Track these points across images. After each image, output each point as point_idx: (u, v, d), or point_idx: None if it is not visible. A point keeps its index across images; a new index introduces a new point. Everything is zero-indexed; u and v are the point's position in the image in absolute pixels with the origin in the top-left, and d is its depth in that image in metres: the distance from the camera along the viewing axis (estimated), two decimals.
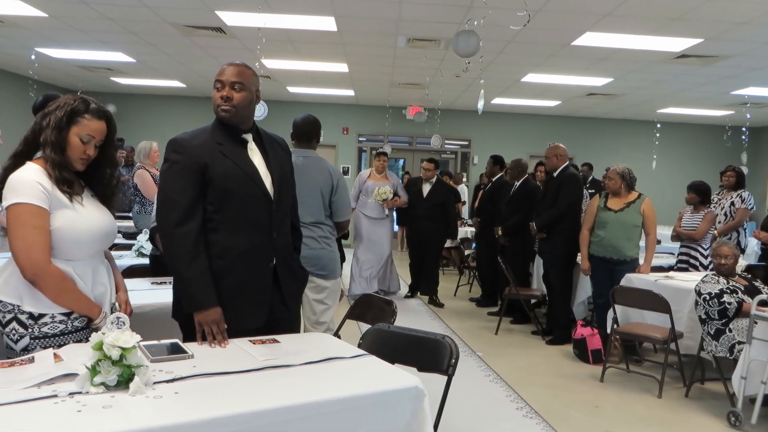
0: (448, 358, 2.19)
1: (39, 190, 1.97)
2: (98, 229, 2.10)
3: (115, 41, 7.77)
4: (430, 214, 7.06)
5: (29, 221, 1.95)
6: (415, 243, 7.31)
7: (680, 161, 12.80)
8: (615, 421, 3.80)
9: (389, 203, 7.02)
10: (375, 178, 7.12)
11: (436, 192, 7.15)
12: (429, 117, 11.70)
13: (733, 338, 3.89)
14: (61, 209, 2.01)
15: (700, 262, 5.50)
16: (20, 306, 1.99)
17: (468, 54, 5.05)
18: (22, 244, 1.94)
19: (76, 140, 2.04)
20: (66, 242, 2.02)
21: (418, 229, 7.19)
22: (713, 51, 6.78)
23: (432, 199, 7.09)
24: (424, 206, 7.07)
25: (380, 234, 7.06)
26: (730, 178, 6.39)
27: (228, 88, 2.24)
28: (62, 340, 2.02)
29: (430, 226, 7.09)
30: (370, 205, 7.01)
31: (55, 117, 2.02)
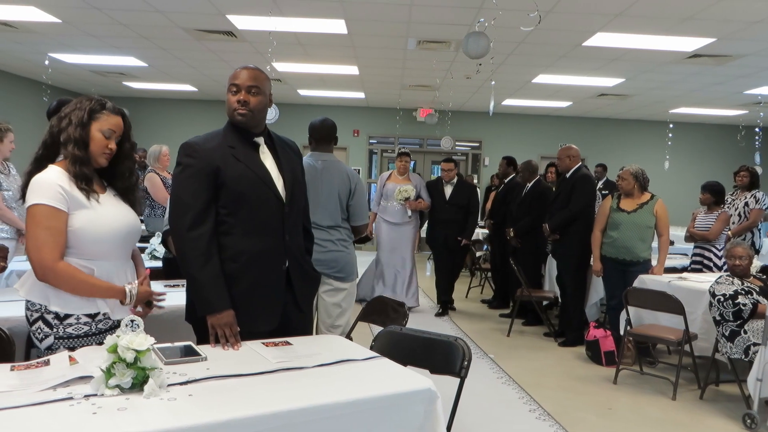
0: (461, 360, 2.18)
1: (57, 192, 2.00)
2: (120, 227, 2.13)
3: (127, 46, 7.84)
4: (454, 217, 6.56)
5: (43, 222, 1.98)
6: (441, 251, 6.68)
7: (693, 162, 12.70)
8: (629, 424, 3.77)
9: (412, 204, 6.46)
10: (396, 180, 6.64)
11: (459, 193, 6.65)
12: (440, 119, 11.69)
13: (748, 340, 3.85)
14: (80, 210, 2.04)
15: (714, 263, 5.46)
16: (47, 306, 2.03)
17: (478, 55, 5.04)
18: (33, 244, 1.98)
19: (99, 135, 2.09)
20: (87, 242, 2.05)
21: (442, 235, 6.57)
22: (726, 50, 6.73)
23: (455, 201, 6.59)
24: (448, 210, 6.57)
25: (402, 240, 6.55)
26: (744, 178, 6.33)
27: (244, 92, 2.25)
28: (85, 341, 2.06)
29: (457, 232, 6.55)
30: (392, 210, 6.52)
31: (76, 115, 2.07)
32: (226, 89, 2.30)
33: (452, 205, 6.57)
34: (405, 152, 6.74)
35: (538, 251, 6.35)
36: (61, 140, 2.07)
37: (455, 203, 6.58)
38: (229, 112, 2.28)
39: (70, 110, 2.09)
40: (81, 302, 2.06)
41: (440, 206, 6.61)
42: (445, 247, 6.60)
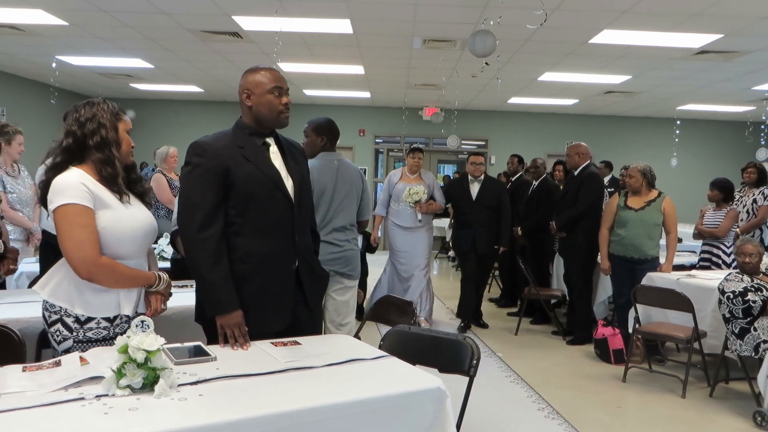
0: (470, 358, 2.18)
1: (83, 191, 2.03)
2: (140, 227, 2.17)
3: (133, 48, 7.86)
4: (483, 220, 5.80)
5: (77, 221, 2.01)
6: (468, 257, 5.91)
7: (701, 158, 12.63)
8: (638, 422, 3.76)
9: (423, 206, 5.69)
10: (407, 179, 5.84)
11: (487, 192, 5.86)
12: (445, 117, 11.68)
13: (758, 337, 3.83)
14: (104, 209, 2.07)
15: (723, 260, 5.43)
16: (67, 309, 2.06)
17: (484, 54, 5.03)
18: (72, 244, 2.01)
19: (126, 135, 2.17)
20: (111, 241, 2.08)
21: (469, 239, 5.82)
22: (734, 46, 6.69)
23: (484, 201, 5.83)
24: (476, 211, 5.82)
25: (416, 246, 5.76)
26: (752, 175, 6.28)
27: (286, 95, 2.30)
28: (103, 345, 2.08)
29: (486, 236, 5.79)
30: (403, 213, 5.76)
31: (104, 119, 2.11)
32: (263, 91, 2.28)
33: (480, 206, 5.82)
34: (418, 148, 5.97)
35: (545, 249, 6.33)
36: (92, 144, 2.09)
37: (483, 203, 5.84)
38: (274, 114, 2.29)
39: (90, 114, 2.10)
40: (103, 306, 2.09)
41: (467, 207, 5.89)
42: (473, 253, 5.86)
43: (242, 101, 2.31)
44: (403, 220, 5.77)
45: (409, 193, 5.66)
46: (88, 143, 2.09)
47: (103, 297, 2.08)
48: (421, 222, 5.73)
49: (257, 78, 2.29)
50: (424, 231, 5.81)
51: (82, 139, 2.09)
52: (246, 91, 2.29)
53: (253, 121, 2.31)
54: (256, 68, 2.34)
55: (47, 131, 10.38)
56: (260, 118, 2.30)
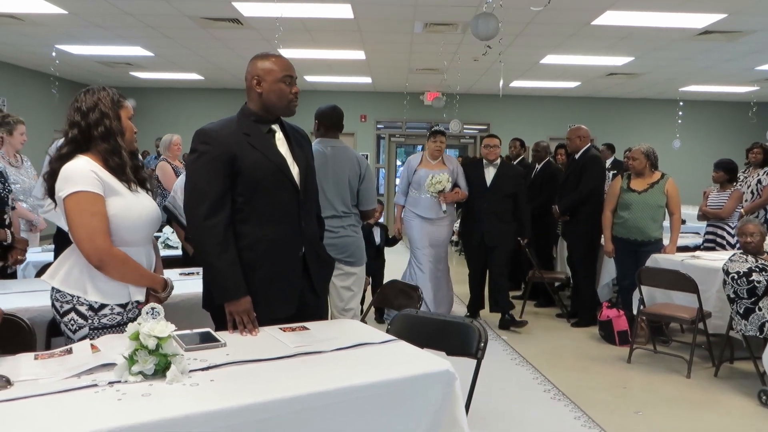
0: (477, 341, 2.20)
1: (93, 178, 2.04)
2: (148, 214, 2.18)
3: (133, 36, 7.84)
4: (497, 209, 5.28)
5: (88, 208, 2.02)
6: (475, 248, 5.50)
7: (704, 140, 12.60)
8: (644, 402, 3.79)
9: (448, 196, 5.15)
10: (428, 165, 5.27)
11: (503, 178, 5.33)
12: (447, 102, 11.64)
13: (762, 317, 3.84)
14: (113, 197, 2.08)
15: (727, 241, 5.43)
16: (80, 297, 2.07)
17: (487, 37, 5.01)
18: (84, 233, 2.01)
19: (128, 122, 2.17)
20: (121, 228, 2.09)
21: (479, 229, 5.33)
22: (737, 26, 6.64)
23: (499, 189, 5.29)
24: (490, 198, 5.28)
25: (440, 238, 5.31)
26: (758, 155, 6.27)
27: (295, 84, 2.31)
28: (118, 330, 2.10)
29: (498, 226, 5.30)
30: (424, 202, 5.20)
31: (107, 107, 2.10)
32: (275, 79, 2.26)
33: (494, 194, 5.28)
34: (440, 130, 5.33)
35: (549, 233, 6.34)
36: (97, 134, 2.08)
37: (498, 191, 5.29)
38: (284, 103, 2.29)
39: (92, 104, 2.09)
40: (115, 292, 2.10)
41: (478, 194, 5.31)
42: (480, 248, 5.40)
43: (251, 87, 2.29)
44: (424, 210, 5.23)
45: (432, 182, 5.08)
46: (93, 134, 2.08)
47: (115, 284, 2.09)
48: (445, 213, 5.20)
49: (268, 65, 2.28)
50: (447, 222, 5.32)
51: (86, 129, 2.09)
52: (256, 78, 2.27)
53: (260, 108, 2.30)
54: (266, 55, 2.32)
55: (48, 121, 10.39)
56: (269, 105, 2.29)
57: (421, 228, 5.27)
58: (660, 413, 3.60)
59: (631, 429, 3.39)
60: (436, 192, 5.11)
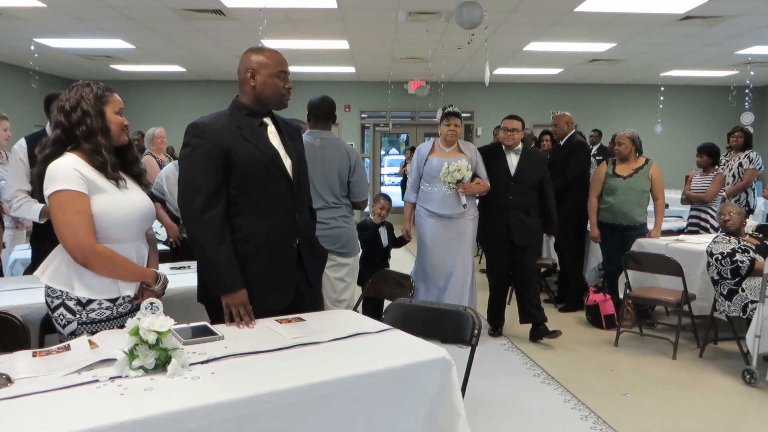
0: (471, 329, 2.24)
1: (76, 176, 2.03)
2: (137, 210, 2.17)
3: (114, 28, 7.73)
4: (525, 202, 4.55)
5: (71, 206, 2.02)
6: (499, 249, 4.64)
7: (685, 124, 12.73)
8: (632, 384, 3.86)
9: (469, 187, 4.38)
10: (441, 153, 4.52)
11: (528, 166, 4.59)
12: (432, 90, 11.64)
13: (746, 298, 3.93)
14: (99, 194, 2.07)
15: (711, 224, 5.53)
16: (68, 293, 2.07)
17: (472, 26, 5.03)
18: (67, 231, 2.01)
19: (115, 116, 2.15)
20: (106, 226, 2.08)
21: (504, 227, 4.54)
22: (717, 11, 6.71)
23: (525, 179, 4.56)
24: (516, 191, 4.54)
25: (459, 239, 4.47)
26: (738, 139, 6.37)
27: (288, 80, 2.34)
28: (108, 325, 2.11)
29: (527, 223, 4.57)
30: (439, 196, 4.45)
31: (89, 105, 2.09)
32: (269, 73, 2.29)
33: (521, 184, 4.56)
34: (453, 111, 4.56)
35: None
36: (79, 133, 2.08)
37: (525, 181, 4.57)
38: (278, 97, 2.33)
39: (75, 102, 2.09)
40: (103, 287, 2.11)
41: (502, 185, 4.55)
42: (505, 249, 4.60)
43: (245, 81, 2.30)
44: (440, 206, 4.45)
45: (449, 171, 4.33)
46: (76, 133, 2.08)
47: (103, 279, 2.10)
48: (465, 207, 4.42)
49: (263, 60, 2.29)
50: (469, 219, 4.51)
51: (69, 129, 2.09)
52: (250, 71, 2.28)
53: (253, 101, 2.31)
54: (260, 49, 2.33)
55: (29, 116, 10.22)
56: (263, 99, 2.30)
57: (435, 227, 4.47)
58: (648, 394, 3.68)
59: (619, 410, 3.46)
60: (455, 182, 4.34)
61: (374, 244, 4.50)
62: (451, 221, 4.46)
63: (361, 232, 4.36)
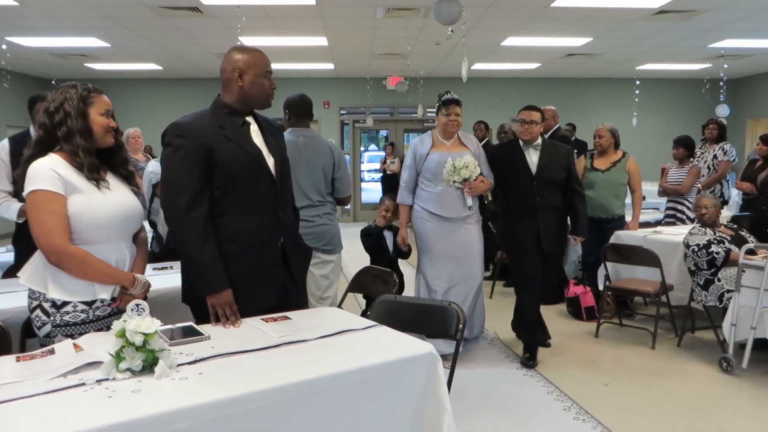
0: (456, 323, 2.27)
1: (52, 176, 2.02)
2: (117, 212, 2.14)
3: (88, 27, 7.63)
4: (552, 202, 4.02)
5: (45, 207, 2.01)
6: (530, 260, 4.04)
7: (660, 117, 12.92)
8: (613, 374, 3.93)
9: (475, 185, 3.92)
10: (442, 147, 4.05)
11: (551, 162, 4.01)
12: (411, 86, 11.66)
13: (722, 287, 4.01)
14: (76, 194, 2.06)
15: (687, 216, 5.62)
16: (45, 294, 2.06)
17: (450, 22, 5.05)
18: (40, 230, 2.00)
19: (99, 118, 2.13)
20: (82, 227, 2.06)
21: (532, 233, 3.98)
22: (691, 5, 6.82)
23: (550, 176, 4.00)
24: (541, 190, 3.98)
25: (466, 245, 4.03)
26: (713, 131, 6.49)
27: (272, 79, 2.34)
28: (83, 328, 2.08)
29: (557, 226, 4.05)
30: (442, 197, 3.97)
31: (71, 106, 2.07)
32: (257, 73, 2.30)
33: (545, 183, 3.99)
34: (453, 99, 4.11)
35: None
36: (60, 135, 2.07)
37: (549, 179, 4.00)
38: (264, 97, 2.34)
39: (58, 103, 2.08)
40: (79, 289, 2.08)
41: (524, 186, 4.00)
42: (536, 257, 4.03)
43: (231, 80, 2.29)
44: (442, 208, 3.98)
45: (454, 169, 3.84)
46: (57, 134, 2.07)
47: (78, 281, 2.08)
48: (471, 209, 3.99)
49: (250, 60, 2.29)
50: (475, 222, 4.08)
51: (51, 130, 2.08)
52: (238, 71, 2.28)
53: (238, 101, 2.30)
54: (245, 48, 2.34)
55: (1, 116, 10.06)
56: (249, 99, 2.31)
57: (441, 232, 4.00)
58: (628, 384, 3.75)
59: (601, 400, 3.52)
60: (461, 181, 3.87)
61: (379, 251, 4.19)
62: (457, 225, 4.00)
63: (364, 237, 4.26)
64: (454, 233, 4.00)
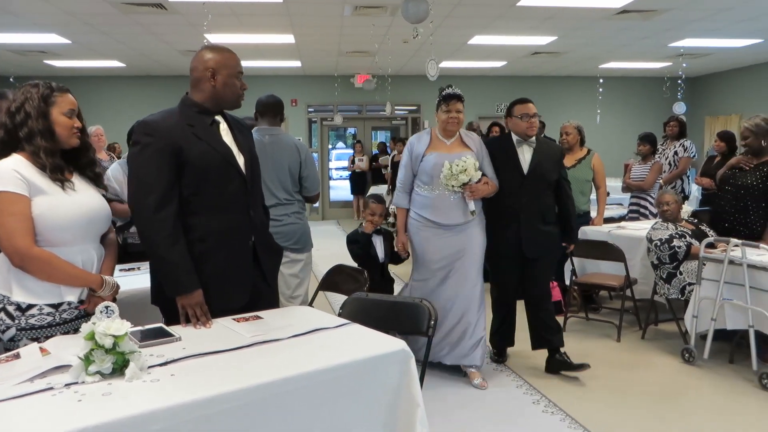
0: (428, 320, 2.29)
1: (15, 178, 1.98)
2: (83, 213, 2.10)
3: (48, 23, 7.44)
4: (539, 205, 3.76)
5: (7, 209, 1.96)
6: (507, 262, 3.81)
7: (623, 114, 13.19)
8: None
9: (478, 189, 3.55)
10: (440, 146, 3.67)
11: (545, 161, 3.77)
12: (379, 84, 11.67)
13: (683, 280, 4.13)
14: (40, 196, 2.02)
15: (650, 211, 5.76)
16: (9, 297, 2.02)
17: (418, 20, 5.07)
18: (3, 232, 1.96)
19: (63, 118, 2.08)
20: (47, 228, 2.02)
21: (514, 236, 3.72)
22: (652, 5, 6.97)
23: (541, 177, 3.74)
24: (529, 191, 3.72)
25: (466, 254, 3.64)
26: (674, 128, 6.66)
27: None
28: (49, 332, 2.04)
29: (542, 230, 3.76)
30: (441, 202, 3.60)
31: (32, 107, 2.03)
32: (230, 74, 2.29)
33: (535, 184, 3.73)
34: (456, 94, 3.72)
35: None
36: (21, 136, 2.03)
37: (540, 179, 3.75)
38: (235, 98, 2.33)
39: (19, 103, 2.04)
40: (44, 292, 2.04)
41: (512, 185, 3.72)
42: (515, 261, 3.78)
43: (202, 79, 2.26)
44: (441, 214, 3.61)
45: (453, 173, 3.47)
46: (19, 135, 2.03)
47: (44, 283, 2.04)
48: (473, 214, 3.61)
49: (222, 60, 2.28)
50: (478, 228, 3.68)
51: (13, 131, 2.04)
52: (210, 71, 2.25)
53: (208, 100, 2.28)
54: (217, 48, 2.32)
55: None
56: (220, 99, 2.29)
57: (437, 242, 3.63)
58: (595, 376, 3.82)
59: (569, 393, 3.59)
60: (460, 185, 3.51)
61: (368, 258, 3.85)
62: (455, 232, 3.62)
63: (351, 244, 3.94)
64: (453, 241, 3.60)
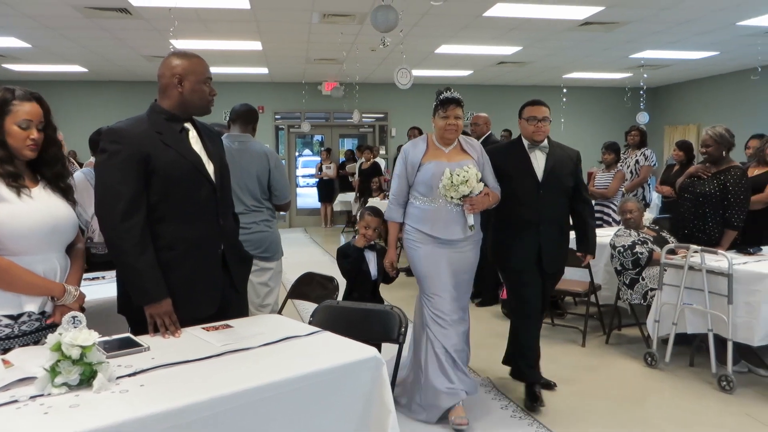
0: (398, 327, 2.30)
1: None
2: (46, 222, 2.05)
3: (7, 25, 7.26)
4: (557, 214, 3.50)
5: None
6: (529, 279, 3.49)
7: (587, 123, 13.47)
8: (546, 371, 4.02)
9: (478, 201, 3.20)
10: (438, 154, 3.34)
11: (560, 167, 3.46)
12: (347, 91, 11.68)
13: (645, 286, 4.23)
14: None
15: (613, 218, 5.89)
16: None
17: (387, 29, 5.11)
18: None
19: (15, 128, 2.01)
20: (5, 237, 1.97)
21: (533, 249, 3.44)
22: (614, 17, 7.16)
23: (557, 184, 3.44)
24: (546, 200, 3.41)
25: (460, 272, 3.35)
26: (635, 137, 6.83)
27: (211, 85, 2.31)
28: (8, 344, 1.98)
29: (561, 242, 3.57)
30: (439, 215, 3.25)
31: None
32: (197, 80, 2.26)
33: (551, 192, 3.43)
34: (454, 98, 3.47)
35: None
36: None
37: (556, 187, 3.45)
38: (204, 104, 2.30)
39: None
40: (2, 302, 1.98)
41: (527, 195, 3.42)
42: (536, 272, 3.48)
43: (170, 86, 2.24)
44: (440, 228, 3.25)
45: (452, 182, 3.14)
46: None
47: (3, 293, 1.98)
48: (472, 229, 3.28)
49: (190, 66, 2.25)
50: (473, 246, 3.39)
51: None
52: (177, 77, 2.23)
53: (176, 106, 2.25)
54: (185, 54, 2.29)
55: None
56: (189, 105, 2.27)
57: (437, 259, 3.28)
58: (561, 380, 3.88)
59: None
60: (460, 197, 3.17)
61: (360, 274, 3.52)
62: (455, 248, 3.29)
63: (341, 259, 3.55)
64: (453, 258, 3.30)
